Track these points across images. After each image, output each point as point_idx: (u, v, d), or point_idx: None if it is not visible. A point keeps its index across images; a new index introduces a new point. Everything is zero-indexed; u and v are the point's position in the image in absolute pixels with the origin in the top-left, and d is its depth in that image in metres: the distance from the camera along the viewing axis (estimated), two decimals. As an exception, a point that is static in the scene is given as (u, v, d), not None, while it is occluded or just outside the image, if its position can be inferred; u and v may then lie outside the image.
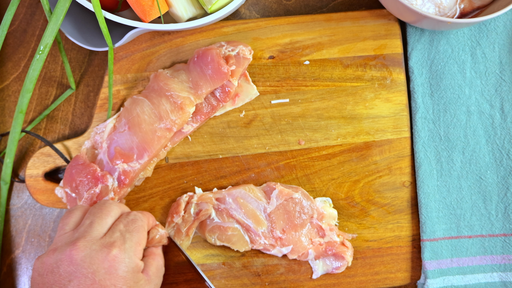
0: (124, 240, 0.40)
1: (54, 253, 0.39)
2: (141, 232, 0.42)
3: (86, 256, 0.38)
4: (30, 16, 0.56)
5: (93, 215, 0.42)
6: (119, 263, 0.39)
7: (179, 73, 0.50)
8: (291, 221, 0.49)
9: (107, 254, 0.39)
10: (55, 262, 0.38)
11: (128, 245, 0.40)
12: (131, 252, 0.40)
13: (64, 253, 0.39)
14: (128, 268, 0.39)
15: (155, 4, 0.47)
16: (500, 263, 0.50)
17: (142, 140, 0.49)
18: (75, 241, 0.39)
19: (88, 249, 0.39)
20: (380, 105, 0.53)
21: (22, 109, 0.47)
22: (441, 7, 0.50)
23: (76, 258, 0.38)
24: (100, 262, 0.38)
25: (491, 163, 0.52)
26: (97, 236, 0.40)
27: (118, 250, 0.39)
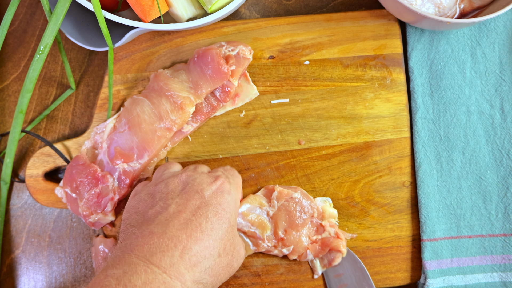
0: (227, 176, 0.44)
1: (162, 181, 0.42)
2: (239, 181, 0.47)
3: (195, 178, 0.41)
4: (30, 16, 0.56)
5: (193, 165, 0.46)
6: (225, 189, 0.42)
7: (179, 73, 0.50)
8: (293, 222, 0.49)
9: (215, 180, 0.42)
10: (164, 184, 0.41)
11: (231, 180, 0.44)
12: (234, 188, 0.43)
13: (174, 177, 0.42)
14: (231, 197, 0.42)
15: (155, 4, 0.47)
16: (500, 263, 0.50)
17: (142, 140, 0.49)
18: (183, 173, 0.43)
19: (198, 175, 0.42)
20: (380, 105, 0.53)
21: (22, 109, 0.47)
22: (441, 7, 0.50)
23: (187, 179, 0.42)
24: (208, 185, 0.41)
25: (491, 163, 0.52)
26: (203, 171, 0.44)
27: (224, 179, 0.43)
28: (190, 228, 0.37)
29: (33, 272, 0.53)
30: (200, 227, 0.38)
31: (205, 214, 0.38)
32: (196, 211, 0.38)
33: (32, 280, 0.52)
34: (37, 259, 0.53)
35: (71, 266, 0.52)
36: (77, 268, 0.52)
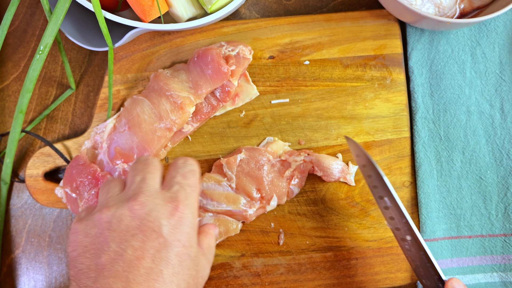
0: (186, 195, 0.38)
1: (110, 209, 0.36)
2: (198, 185, 0.40)
3: (151, 210, 0.35)
4: (30, 16, 0.56)
5: (142, 171, 0.39)
6: (185, 219, 0.36)
7: (179, 73, 0.50)
8: (257, 177, 0.50)
9: (173, 210, 0.36)
10: (114, 217, 0.35)
11: (190, 201, 0.38)
12: (193, 208, 0.38)
13: (124, 207, 0.36)
14: (191, 225, 0.37)
15: (155, 4, 0.47)
16: (500, 263, 0.50)
17: (142, 140, 0.49)
18: (134, 197, 0.36)
19: (152, 203, 0.36)
20: (380, 105, 0.53)
21: (22, 109, 0.47)
22: (440, 7, 0.50)
23: (140, 212, 0.35)
24: (166, 217, 0.36)
25: (491, 163, 0.52)
26: (155, 190, 0.37)
27: (183, 206, 0.37)
28: (152, 278, 0.33)
29: (33, 272, 0.53)
30: (162, 275, 0.34)
31: (165, 258, 0.34)
32: (156, 255, 0.34)
33: (32, 280, 0.52)
34: (37, 259, 0.53)
35: (71, 266, 0.52)
36: (77, 268, 0.52)
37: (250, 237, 0.51)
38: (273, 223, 0.51)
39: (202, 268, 0.38)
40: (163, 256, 0.34)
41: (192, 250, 0.37)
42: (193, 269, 0.37)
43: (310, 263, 0.51)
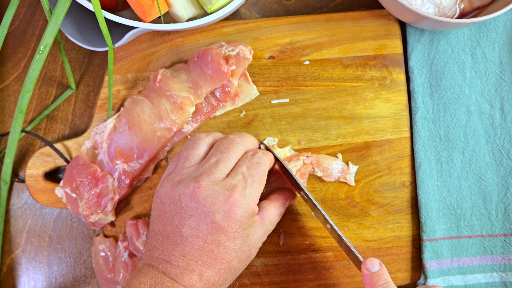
0: (246, 185, 0.41)
1: (178, 186, 0.40)
2: (263, 177, 0.42)
3: (208, 196, 0.39)
4: (30, 16, 0.56)
5: (220, 153, 0.42)
6: (238, 208, 0.40)
7: (179, 73, 0.50)
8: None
9: (228, 198, 0.39)
10: (178, 195, 0.40)
11: (248, 190, 0.41)
12: (250, 198, 0.41)
13: (188, 188, 0.40)
14: (245, 214, 0.40)
15: (155, 4, 0.47)
16: (500, 263, 0.50)
17: (142, 140, 0.49)
18: (199, 179, 0.40)
19: (211, 190, 0.39)
20: (380, 105, 0.53)
21: (22, 109, 0.47)
22: (440, 7, 0.50)
23: (199, 196, 0.39)
24: (220, 204, 0.39)
25: (491, 163, 0.52)
26: (220, 176, 0.41)
27: (238, 195, 0.40)
28: (204, 254, 0.39)
29: (33, 272, 0.53)
30: (213, 253, 0.39)
31: (216, 240, 0.39)
32: (207, 237, 0.39)
33: (32, 280, 0.52)
34: (37, 259, 0.53)
35: (71, 266, 0.52)
36: (77, 268, 0.52)
37: (250, 237, 0.51)
38: (273, 223, 0.51)
39: (257, 240, 0.42)
40: (214, 238, 0.39)
41: (245, 232, 0.40)
42: (246, 245, 0.41)
43: (310, 263, 0.51)
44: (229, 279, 0.41)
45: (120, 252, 0.50)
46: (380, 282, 0.40)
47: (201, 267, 0.39)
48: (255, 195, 0.41)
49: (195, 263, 0.39)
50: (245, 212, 0.40)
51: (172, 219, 0.40)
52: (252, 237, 0.41)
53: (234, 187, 0.40)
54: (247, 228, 0.40)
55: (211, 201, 0.39)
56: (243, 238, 0.40)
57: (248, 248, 0.41)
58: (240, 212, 0.40)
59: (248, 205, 0.40)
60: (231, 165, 0.42)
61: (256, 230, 0.42)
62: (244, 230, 0.40)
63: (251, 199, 0.41)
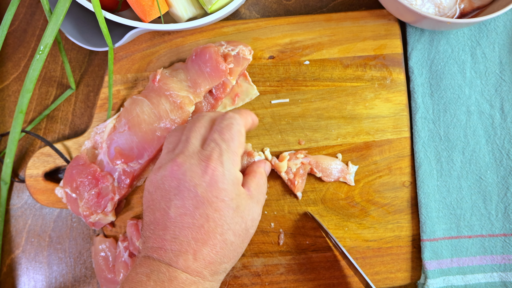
0: (221, 151, 0.40)
1: (159, 171, 0.40)
2: (237, 139, 0.41)
3: (186, 171, 0.39)
4: (30, 16, 0.56)
5: (188, 130, 0.42)
6: (218, 176, 0.39)
7: (178, 72, 0.50)
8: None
9: (206, 168, 0.39)
10: (160, 179, 0.40)
11: (225, 157, 0.40)
12: (229, 164, 0.40)
13: (167, 169, 0.40)
14: (227, 181, 0.39)
15: (155, 4, 0.47)
16: (500, 263, 0.50)
17: (142, 140, 0.49)
18: (175, 158, 0.40)
19: (188, 164, 0.39)
20: (380, 105, 0.53)
21: (22, 109, 0.47)
22: (441, 7, 0.50)
23: (178, 173, 0.39)
24: (200, 176, 0.39)
25: (491, 163, 0.52)
26: (194, 150, 0.40)
27: (215, 163, 0.39)
28: (194, 232, 0.38)
29: (33, 272, 0.53)
30: (203, 228, 0.38)
31: (204, 214, 0.38)
32: (195, 213, 0.38)
33: (32, 280, 0.52)
34: (37, 259, 0.53)
35: (71, 266, 0.52)
36: (77, 268, 0.52)
37: (250, 237, 0.51)
38: (273, 223, 0.51)
39: (249, 211, 0.41)
40: (202, 212, 0.38)
41: (233, 201, 0.39)
42: (238, 216, 0.40)
43: (310, 263, 0.51)
44: (228, 256, 0.39)
45: (120, 252, 0.50)
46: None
47: (194, 246, 0.37)
48: (234, 160, 0.40)
49: (187, 243, 0.37)
50: (226, 179, 0.39)
51: (159, 204, 0.39)
52: (243, 208, 0.40)
53: (209, 156, 0.39)
54: (234, 197, 0.39)
55: (190, 175, 0.39)
56: (233, 209, 0.39)
57: (242, 220, 0.40)
58: (221, 180, 0.39)
59: (229, 172, 0.39)
60: (201, 136, 0.41)
61: (246, 201, 0.41)
62: (232, 199, 0.39)
63: (230, 165, 0.40)
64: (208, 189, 0.38)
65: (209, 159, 0.39)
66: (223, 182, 0.39)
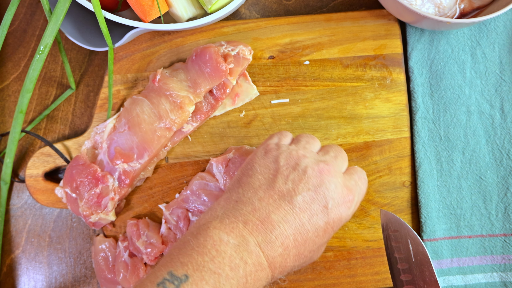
0: (359, 193, 0.41)
1: (305, 158, 0.39)
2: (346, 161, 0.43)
3: (332, 182, 0.38)
4: (30, 16, 0.56)
5: (336, 151, 0.42)
6: (348, 210, 0.39)
7: (178, 72, 0.50)
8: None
9: (347, 195, 0.39)
10: (305, 164, 0.39)
11: (357, 200, 0.40)
12: (355, 208, 0.41)
13: (317, 164, 0.39)
14: (347, 218, 0.40)
15: (155, 4, 0.47)
16: (500, 263, 0.50)
17: (142, 140, 0.49)
18: (327, 162, 0.40)
19: (337, 179, 0.39)
20: (380, 105, 0.53)
21: (22, 109, 0.47)
22: (440, 7, 0.50)
23: (325, 177, 0.38)
24: (339, 196, 0.38)
25: (491, 163, 0.52)
26: (341, 170, 0.41)
27: (353, 197, 0.40)
28: (299, 233, 0.37)
29: (33, 272, 0.53)
30: (307, 235, 0.37)
31: (317, 225, 0.37)
32: (312, 219, 0.37)
33: (32, 280, 0.52)
34: (37, 259, 0.53)
35: (71, 266, 0.52)
36: (77, 268, 0.52)
37: (250, 237, 0.51)
38: (273, 223, 0.51)
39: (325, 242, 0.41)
40: (315, 222, 0.37)
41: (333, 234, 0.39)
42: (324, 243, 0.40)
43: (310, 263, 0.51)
44: (293, 268, 0.38)
45: (120, 252, 0.50)
46: None
47: (289, 243, 0.36)
48: (356, 207, 0.41)
49: (286, 236, 0.36)
50: (348, 217, 0.39)
51: (285, 181, 0.38)
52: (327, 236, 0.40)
53: (351, 189, 0.40)
54: (336, 231, 0.40)
55: (333, 188, 0.38)
56: (329, 238, 0.39)
57: (321, 249, 0.40)
58: (346, 216, 0.39)
59: (352, 213, 0.40)
60: (346, 165, 0.42)
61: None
62: (334, 232, 0.39)
63: (354, 208, 0.41)
64: (335, 210, 0.38)
65: (351, 191, 0.39)
66: (346, 218, 0.39)
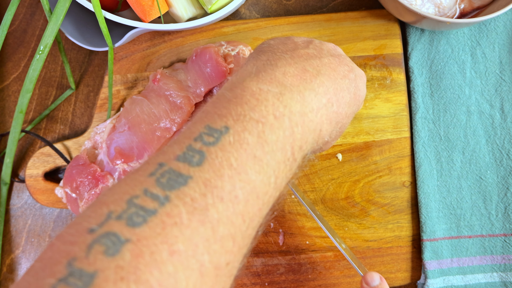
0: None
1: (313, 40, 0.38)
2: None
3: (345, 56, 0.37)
4: (30, 16, 0.56)
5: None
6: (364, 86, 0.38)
7: (178, 72, 0.50)
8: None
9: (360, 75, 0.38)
10: (319, 42, 0.37)
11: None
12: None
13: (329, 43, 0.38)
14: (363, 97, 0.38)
15: (155, 4, 0.47)
16: (500, 263, 0.50)
17: (142, 140, 0.49)
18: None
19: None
20: (380, 105, 0.53)
21: (22, 109, 0.47)
22: (440, 7, 0.50)
23: (341, 53, 0.38)
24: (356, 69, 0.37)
25: (491, 163, 0.52)
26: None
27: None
28: (335, 87, 0.34)
29: (33, 272, 0.52)
30: (342, 92, 0.34)
31: (347, 86, 0.35)
32: (343, 78, 0.35)
33: (32, 280, 0.52)
34: (37, 259, 0.53)
35: (71, 266, 0.52)
36: (77, 268, 0.52)
37: (250, 237, 0.51)
38: (273, 223, 0.51)
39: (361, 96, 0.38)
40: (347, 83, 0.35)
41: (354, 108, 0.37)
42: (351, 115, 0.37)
43: (310, 263, 0.51)
44: (331, 134, 0.35)
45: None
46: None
47: (330, 94, 0.33)
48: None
49: (327, 87, 0.33)
50: (364, 94, 0.38)
51: (307, 48, 0.35)
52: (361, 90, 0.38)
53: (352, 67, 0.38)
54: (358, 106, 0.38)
55: (349, 60, 0.37)
56: (353, 110, 0.37)
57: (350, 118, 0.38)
58: (364, 92, 0.38)
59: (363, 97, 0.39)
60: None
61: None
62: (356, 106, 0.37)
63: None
64: (357, 78, 0.36)
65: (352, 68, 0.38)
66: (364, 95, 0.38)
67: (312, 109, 0.32)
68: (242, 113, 0.29)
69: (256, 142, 0.28)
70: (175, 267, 0.23)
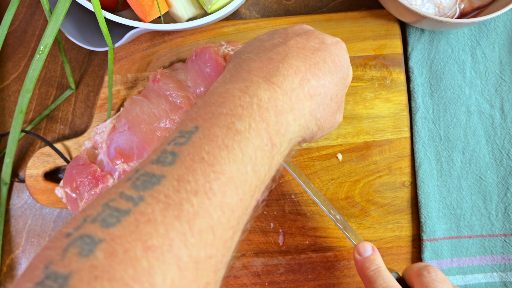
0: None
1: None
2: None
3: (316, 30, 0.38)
4: (30, 16, 0.56)
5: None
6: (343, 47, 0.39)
7: (178, 72, 0.50)
8: None
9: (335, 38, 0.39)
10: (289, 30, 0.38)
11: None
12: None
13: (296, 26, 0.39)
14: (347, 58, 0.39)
15: (155, 4, 0.47)
16: (500, 263, 0.50)
17: (142, 140, 0.49)
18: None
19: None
20: (380, 105, 0.53)
21: (22, 109, 0.47)
22: (440, 7, 0.50)
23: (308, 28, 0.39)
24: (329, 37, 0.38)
25: (491, 163, 0.52)
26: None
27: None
28: (308, 63, 0.35)
29: (33, 272, 0.53)
30: (318, 65, 0.35)
31: (323, 57, 0.36)
32: (315, 52, 0.36)
33: (32, 280, 0.52)
34: (37, 259, 0.53)
35: (71, 266, 0.52)
36: (77, 268, 0.52)
37: (250, 237, 0.51)
38: (273, 223, 0.51)
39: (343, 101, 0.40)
40: (321, 55, 0.36)
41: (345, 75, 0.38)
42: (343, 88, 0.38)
43: (310, 263, 0.51)
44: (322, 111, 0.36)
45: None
46: (372, 267, 0.40)
47: (304, 72, 0.34)
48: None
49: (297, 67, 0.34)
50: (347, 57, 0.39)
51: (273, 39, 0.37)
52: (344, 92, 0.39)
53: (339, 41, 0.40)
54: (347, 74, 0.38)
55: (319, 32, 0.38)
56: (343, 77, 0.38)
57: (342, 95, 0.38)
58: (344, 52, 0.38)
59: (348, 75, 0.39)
60: None
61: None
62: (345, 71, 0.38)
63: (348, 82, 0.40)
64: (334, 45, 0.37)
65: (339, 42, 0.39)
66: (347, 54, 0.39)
67: (286, 92, 0.33)
68: (211, 111, 0.30)
69: (225, 134, 0.29)
70: (150, 263, 0.23)
